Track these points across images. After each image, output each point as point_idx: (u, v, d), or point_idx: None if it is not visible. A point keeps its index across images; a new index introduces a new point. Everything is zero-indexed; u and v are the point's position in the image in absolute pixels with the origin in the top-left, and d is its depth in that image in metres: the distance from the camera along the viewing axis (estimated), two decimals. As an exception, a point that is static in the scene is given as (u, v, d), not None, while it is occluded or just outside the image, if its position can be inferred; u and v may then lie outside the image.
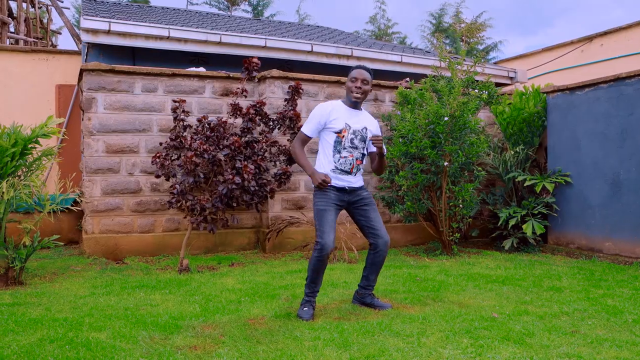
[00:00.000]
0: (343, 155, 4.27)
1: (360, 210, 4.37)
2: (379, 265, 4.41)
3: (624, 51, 10.87)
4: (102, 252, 6.75)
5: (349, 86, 4.32)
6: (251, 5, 24.48)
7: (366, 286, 4.46)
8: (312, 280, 4.20)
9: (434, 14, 26.02)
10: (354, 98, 4.30)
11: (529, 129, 7.85)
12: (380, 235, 4.34)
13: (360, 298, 4.49)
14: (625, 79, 6.69)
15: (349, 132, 4.27)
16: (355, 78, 4.28)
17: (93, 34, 7.79)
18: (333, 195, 4.27)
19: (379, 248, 4.34)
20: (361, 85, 4.27)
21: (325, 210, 4.20)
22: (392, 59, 9.68)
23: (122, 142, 6.91)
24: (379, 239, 4.33)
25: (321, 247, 4.09)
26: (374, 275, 4.44)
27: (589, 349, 3.39)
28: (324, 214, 4.19)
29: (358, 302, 4.51)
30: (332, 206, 4.24)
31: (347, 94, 4.37)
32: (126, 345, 3.43)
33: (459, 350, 3.34)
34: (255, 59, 6.37)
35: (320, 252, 4.09)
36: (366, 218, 4.37)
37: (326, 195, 4.25)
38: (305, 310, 4.13)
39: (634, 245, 6.53)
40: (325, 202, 4.23)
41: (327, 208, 4.22)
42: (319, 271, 4.17)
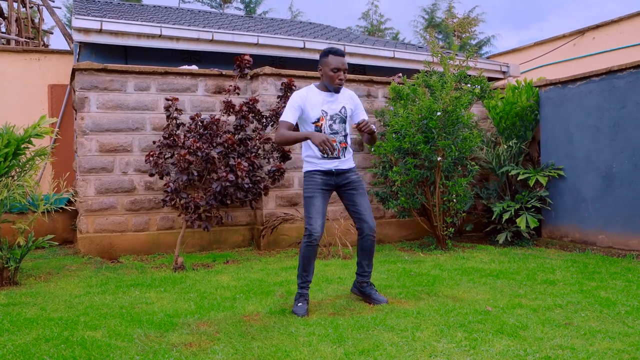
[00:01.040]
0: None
1: (348, 194, 4.36)
2: (367, 250, 4.39)
3: (616, 44, 10.92)
4: (96, 251, 6.75)
5: (330, 75, 4.21)
6: (243, 3, 24.45)
7: (361, 273, 4.46)
8: (303, 268, 4.21)
9: (426, 9, 26.07)
10: (336, 87, 4.26)
11: (522, 123, 7.87)
12: (365, 219, 4.31)
13: (360, 287, 4.50)
14: (617, 72, 6.71)
15: (326, 119, 4.24)
16: (337, 68, 4.20)
17: (85, 33, 7.77)
18: (319, 179, 4.26)
19: (365, 233, 4.33)
20: (344, 77, 4.24)
21: (312, 197, 4.21)
22: (385, 55, 9.70)
23: (115, 141, 6.90)
24: (363, 223, 4.32)
25: (309, 233, 4.11)
26: (366, 261, 4.42)
27: (582, 340, 3.41)
28: (311, 201, 4.20)
29: (357, 291, 4.53)
30: (319, 192, 4.24)
31: (325, 82, 4.28)
32: (121, 344, 3.43)
33: (453, 344, 3.36)
34: (247, 56, 6.38)
35: (309, 238, 4.11)
36: (352, 202, 4.35)
37: (313, 180, 4.25)
38: (299, 305, 4.14)
39: (626, 237, 6.56)
40: (313, 188, 4.23)
41: (315, 194, 4.22)
42: (310, 259, 4.19)
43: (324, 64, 4.27)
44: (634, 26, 10.82)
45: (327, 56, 4.25)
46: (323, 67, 4.27)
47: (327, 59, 4.24)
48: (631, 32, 10.81)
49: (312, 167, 4.30)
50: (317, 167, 4.28)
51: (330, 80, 4.23)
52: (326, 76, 4.25)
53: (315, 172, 4.28)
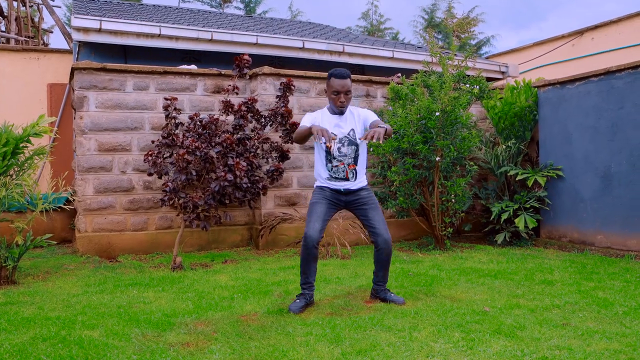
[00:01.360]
0: (334, 164, 4.31)
1: (360, 210, 4.41)
2: (383, 262, 4.43)
3: (615, 45, 10.92)
4: (95, 250, 6.75)
5: (332, 98, 4.28)
6: (243, 3, 24.43)
7: (377, 282, 4.53)
8: (303, 270, 4.30)
9: (426, 9, 26.03)
10: (339, 109, 4.31)
11: (521, 123, 7.88)
12: (379, 233, 4.33)
13: (375, 293, 4.56)
14: (615, 73, 6.72)
15: (335, 143, 4.28)
16: (337, 92, 4.24)
17: (84, 32, 7.77)
18: (329, 193, 4.36)
19: (380, 246, 4.36)
20: (344, 98, 4.27)
21: (316, 203, 4.31)
22: (384, 55, 9.69)
23: (114, 140, 6.90)
24: (378, 237, 4.34)
25: (305, 236, 4.19)
26: (381, 272, 4.46)
27: (579, 341, 3.42)
28: (314, 206, 4.30)
29: (375, 298, 4.57)
30: (324, 200, 4.32)
31: (330, 103, 4.36)
32: (119, 343, 3.43)
33: (451, 344, 3.36)
34: (246, 55, 6.37)
35: (305, 241, 4.19)
36: (365, 217, 4.39)
37: (322, 191, 4.37)
38: (296, 302, 4.22)
39: (625, 238, 6.57)
40: (319, 197, 4.34)
41: (319, 201, 4.31)
42: (307, 261, 4.25)
43: (327, 87, 4.34)
44: (632, 27, 10.82)
45: (330, 79, 4.30)
46: (327, 90, 4.34)
47: (330, 81, 4.29)
48: (630, 32, 10.81)
49: (322, 184, 4.40)
50: (326, 184, 4.37)
51: (333, 103, 4.31)
52: (329, 99, 4.33)
53: (325, 188, 4.38)
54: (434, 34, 24.48)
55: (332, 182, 4.34)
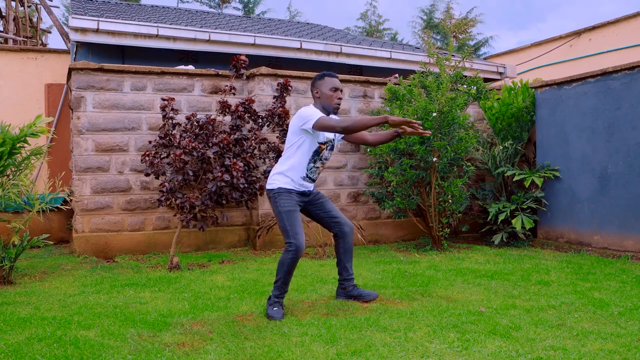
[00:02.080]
0: (316, 165, 4.29)
1: (318, 205, 4.40)
2: (351, 251, 4.45)
3: (612, 46, 10.93)
4: (92, 250, 6.75)
5: (329, 95, 4.22)
6: (242, 3, 24.45)
7: (347, 277, 4.48)
8: (284, 282, 4.14)
9: (424, 10, 26.09)
10: (333, 109, 4.27)
11: (518, 124, 7.89)
12: (343, 221, 4.39)
13: (347, 292, 4.51)
14: (612, 74, 6.73)
15: (327, 146, 4.29)
16: (335, 88, 4.22)
17: (82, 32, 7.77)
18: (296, 197, 4.26)
19: (346, 234, 4.38)
20: (341, 96, 4.27)
21: (294, 211, 4.18)
22: (382, 55, 9.70)
23: (111, 140, 6.90)
24: (343, 226, 4.37)
25: (296, 248, 4.05)
26: (350, 262, 4.48)
27: (574, 341, 3.42)
28: (293, 214, 4.15)
29: (344, 297, 4.52)
30: (297, 207, 4.24)
31: (323, 103, 4.25)
32: (114, 343, 3.44)
33: (446, 345, 3.37)
34: (243, 56, 6.38)
35: (296, 254, 4.05)
36: (325, 211, 4.40)
37: (290, 197, 4.21)
38: (276, 310, 4.06)
39: (621, 238, 6.58)
40: (292, 203, 4.20)
41: (295, 209, 4.20)
42: (292, 272, 4.15)
43: (320, 86, 4.26)
44: (629, 28, 10.84)
45: (322, 78, 4.27)
46: (320, 89, 4.26)
47: (323, 80, 4.26)
48: (627, 33, 10.83)
49: (290, 186, 4.23)
50: (294, 186, 4.24)
51: (329, 100, 4.24)
52: (324, 97, 4.25)
53: (292, 191, 4.24)
54: (432, 34, 24.49)
55: (303, 182, 4.25)
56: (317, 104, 4.30)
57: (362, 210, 7.94)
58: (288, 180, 4.22)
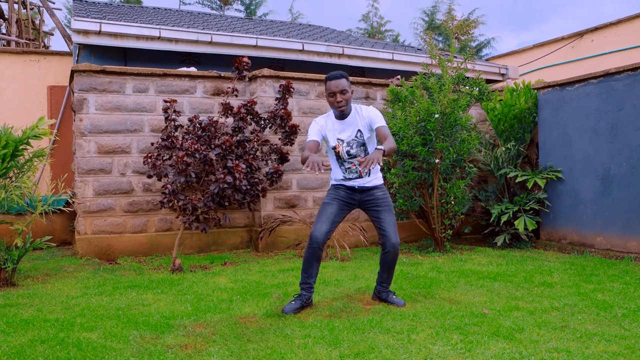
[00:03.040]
0: (346, 166, 4.35)
1: (371, 211, 4.42)
2: (388, 264, 4.45)
3: (614, 47, 10.92)
4: (94, 252, 6.75)
5: (329, 101, 4.29)
6: (244, 5, 24.45)
7: (380, 283, 4.55)
8: (304, 268, 4.31)
9: (426, 12, 26.05)
10: (338, 111, 4.30)
11: (520, 125, 7.88)
12: (388, 236, 4.34)
13: (377, 293, 4.58)
14: (615, 75, 6.72)
15: (343, 147, 4.31)
16: (332, 93, 4.23)
17: (84, 34, 7.78)
18: (343, 192, 4.38)
19: (386, 249, 4.37)
20: (341, 98, 4.23)
21: (328, 204, 4.34)
22: (384, 57, 9.70)
23: (113, 142, 6.90)
24: (386, 239, 4.35)
25: (310, 236, 4.22)
26: (385, 273, 4.48)
27: (578, 343, 3.41)
28: (325, 207, 4.33)
29: (376, 298, 4.59)
30: (336, 201, 4.34)
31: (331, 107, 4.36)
32: (117, 345, 3.43)
33: (449, 347, 3.36)
34: (246, 58, 6.38)
35: (310, 241, 4.21)
36: (376, 219, 4.40)
37: (336, 192, 4.39)
38: (291, 303, 4.24)
39: (625, 240, 6.56)
40: (332, 197, 4.37)
41: (331, 202, 4.34)
42: (310, 261, 4.27)
43: (325, 92, 4.38)
44: (632, 28, 10.82)
45: (325, 83, 4.33)
46: (326, 96, 4.36)
47: (325, 85, 4.31)
48: (629, 34, 10.81)
49: (337, 182, 4.43)
50: (340, 182, 4.40)
51: (331, 106, 4.32)
52: (328, 102, 4.34)
53: (340, 186, 4.40)
54: (434, 36, 24.48)
55: (346, 181, 4.38)
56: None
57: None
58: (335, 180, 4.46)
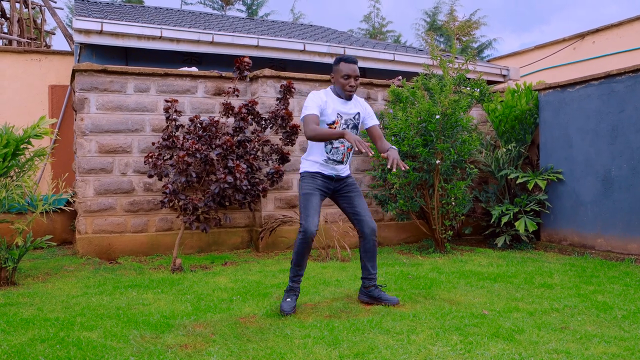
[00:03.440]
0: (335, 145, 4.31)
1: (346, 197, 4.41)
2: (371, 252, 4.42)
3: (616, 48, 10.92)
4: (95, 252, 6.75)
5: (342, 82, 4.27)
6: (245, 5, 24.47)
7: (367, 276, 4.48)
8: (297, 263, 4.24)
9: (428, 12, 26.05)
10: (347, 95, 4.30)
11: (521, 126, 7.88)
12: (366, 220, 4.36)
13: (368, 292, 4.50)
14: (616, 76, 6.72)
15: (341, 123, 4.30)
16: (348, 75, 4.25)
17: (85, 34, 7.78)
18: (320, 181, 4.32)
19: (366, 234, 4.36)
20: (354, 83, 4.28)
21: (311, 194, 4.25)
22: (385, 58, 9.70)
23: (114, 142, 6.91)
24: (364, 224, 4.35)
25: (304, 230, 4.13)
26: (370, 262, 4.45)
27: (578, 344, 3.42)
28: (310, 198, 4.24)
29: (366, 298, 4.51)
30: (317, 191, 4.29)
31: (337, 88, 4.33)
32: (117, 344, 3.44)
33: (449, 347, 3.36)
34: (247, 58, 6.38)
35: (304, 235, 4.13)
36: (350, 204, 4.40)
37: (314, 180, 4.31)
38: (288, 301, 4.19)
39: (625, 241, 6.56)
40: (312, 187, 4.28)
41: (313, 192, 4.27)
42: (304, 254, 4.22)
43: (335, 72, 4.33)
44: (633, 30, 10.82)
45: (338, 63, 4.31)
46: (335, 75, 4.34)
47: (339, 66, 4.30)
48: (631, 36, 10.81)
49: (314, 169, 4.34)
50: (320, 169, 4.33)
51: (342, 87, 4.30)
52: (338, 83, 4.32)
53: (317, 174, 4.33)
54: (435, 37, 24.47)
55: (327, 165, 4.31)
56: (334, 88, 4.37)
57: (365, 212, 7.92)
58: (311, 164, 4.35)
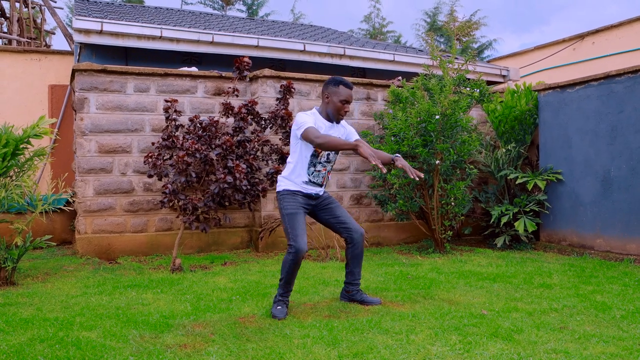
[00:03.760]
0: (317, 169, 4.30)
1: (327, 210, 4.41)
2: (359, 257, 4.44)
3: (615, 49, 10.92)
4: (95, 252, 6.76)
5: (337, 106, 4.24)
6: (246, 5, 24.47)
7: (352, 281, 4.49)
8: (287, 281, 4.21)
9: (428, 13, 26.04)
10: (338, 118, 4.31)
11: (521, 126, 7.88)
12: (353, 227, 4.37)
13: (349, 295, 4.52)
14: (615, 77, 6.73)
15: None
16: (346, 101, 4.25)
17: (85, 34, 7.79)
18: (301, 199, 4.29)
19: (355, 240, 4.36)
20: (348, 108, 4.30)
21: (296, 214, 4.21)
22: (385, 58, 9.70)
23: (114, 142, 6.91)
24: (352, 232, 4.36)
25: (296, 250, 4.09)
26: (358, 268, 4.47)
27: (576, 344, 3.42)
28: (296, 217, 4.19)
29: (347, 299, 4.54)
30: (301, 209, 4.26)
31: (329, 110, 4.29)
32: (116, 344, 3.44)
33: (448, 347, 3.37)
34: (246, 58, 6.38)
35: (296, 256, 4.10)
36: (334, 216, 4.40)
37: (295, 199, 4.26)
38: (279, 309, 4.14)
39: (624, 242, 6.57)
40: (295, 205, 4.24)
41: (298, 211, 4.23)
42: (294, 272, 4.19)
43: (333, 93, 4.27)
44: (633, 31, 10.82)
45: (337, 86, 4.26)
46: (331, 96, 4.28)
47: (338, 89, 4.25)
48: (630, 37, 10.81)
49: (295, 188, 4.29)
50: (299, 188, 4.29)
51: (336, 111, 4.28)
52: (332, 105, 4.28)
53: (298, 192, 4.29)
54: (435, 37, 24.46)
55: (306, 186, 4.29)
56: (324, 107, 4.34)
57: (365, 212, 7.94)
58: (290, 184, 4.30)
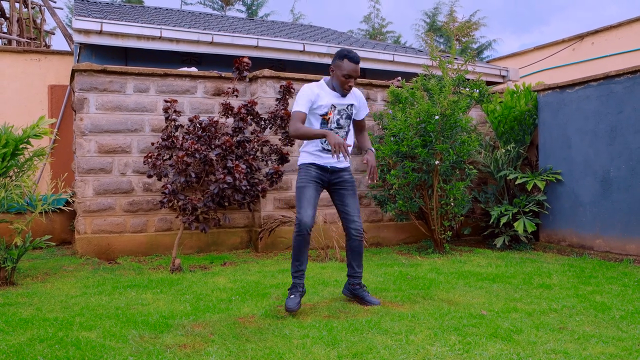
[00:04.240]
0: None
1: (339, 193, 4.41)
2: (356, 251, 4.44)
3: (615, 49, 10.93)
4: (94, 252, 6.76)
5: (340, 81, 4.23)
6: (245, 5, 24.48)
7: (352, 274, 4.49)
8: (296, 257, 4.22)
9: (428, 13, 26.06)
10: (343, 93, 4.30)
11: (520, 127, 7.89)
12: (353, 220, 4.36)
13: (352, 289, 4.52)
14: (615, 77, 6.73)
15: (334, 113, 4.28)
16: (349, 76, 4.22)
17: (85, 34, 7.79)
18: (314, 172, 4.31)
19: (352, 233, 4.38)
20: (353, 84, 4.28)
21: (305, 187, 4.24)
22: (384, 58, 9.71)
23: (114, 142, 6.91)
24: (351, 223, 4.36)
25: (299, 222, 4.12)
26: (356, 262, 4.46)
27: (576, 345, 3.42)
28: (303, 190, 4.23)
29: (349, 293, 4.56)
30: (312, 183, 4.27)
31: (334, 83, 4.30)
32: (116, 344, 3.44)
33: (447, 348, 3.37)
34: (246, 58, 6.38)
35: (299, 228, 4.12)
36: (342, 202, 4.39)
37: (308, 172, 4.30)
38: (292, 298, 4.15)
39: (624, 242, 6.57)
40: (306, 179, 4.27)
41: (307, 185, 4.25)
42: (301, 248, 4.18)
43: (337, 67, 4.27)
44: (632, 32, 10.83)
45: (342, 59, 4.24)
46: (335, 69, 4.28)
47: (342, 62, 4.23)
48: (629, 37, 10.82)
49: (309, 160, 4.33)
50: (314, 160, 4.32)
51: (340, 85, 4.27)
52: (337, 79, 4.27)
53: (311, 165, 4.32)
54: (435, 37, 24.47)
55: (322, 155, 4.30)
56: (331, 80, 4.36)
57: (364, 212, 7.94)
58: (306, 155, 4.36)
